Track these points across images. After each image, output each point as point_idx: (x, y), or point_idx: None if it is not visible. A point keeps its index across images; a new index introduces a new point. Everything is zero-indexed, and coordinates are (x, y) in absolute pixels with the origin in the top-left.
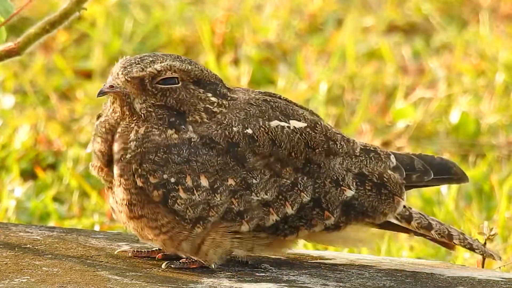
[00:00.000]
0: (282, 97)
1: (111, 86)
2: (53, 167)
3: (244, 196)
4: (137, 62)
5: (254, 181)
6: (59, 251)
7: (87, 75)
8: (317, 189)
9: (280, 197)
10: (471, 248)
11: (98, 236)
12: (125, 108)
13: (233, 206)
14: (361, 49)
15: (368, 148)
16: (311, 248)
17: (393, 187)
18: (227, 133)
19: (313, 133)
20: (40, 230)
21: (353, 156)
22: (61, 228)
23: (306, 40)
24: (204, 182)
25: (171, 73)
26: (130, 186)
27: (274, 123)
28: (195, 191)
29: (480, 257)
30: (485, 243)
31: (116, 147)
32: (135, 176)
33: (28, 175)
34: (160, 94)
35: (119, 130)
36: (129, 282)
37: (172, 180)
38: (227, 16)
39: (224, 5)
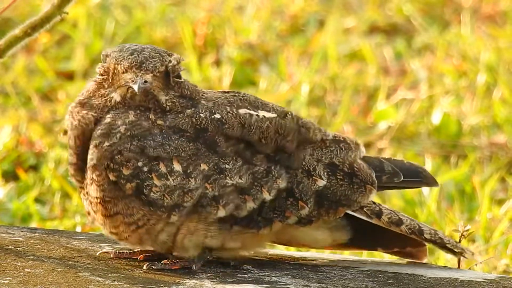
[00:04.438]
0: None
1: (146, 82)
2: (34, 168)
3: (218, 181)
4: (152, 56)
5: (227, 166)
6: (41, 253)
7: (69, 76)
8: (289, 178)
9: (256, 183)
10: (442, 244)
11: (80, 237)
12: (147, 102)
13: (207, 191)
14: (343, 50)
15: (337, 138)
16: (293, 249)
17: (364, 176)
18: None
19: (283, 121)
20: (22, 231)
21: (323, 147)
22: (43, 229)
23: (287, 41)
24: (177, 167)
25: (180, 66)
26: (103, 182)
27: (243, 110)
28: (169, 176)
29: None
30: (460, 241)
31: (96, 133)
32: (108, 171)
33: (9, 176)
34: (177, 86)
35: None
36: (111, 283)
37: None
38: (208, 17)
39: (205, 6)
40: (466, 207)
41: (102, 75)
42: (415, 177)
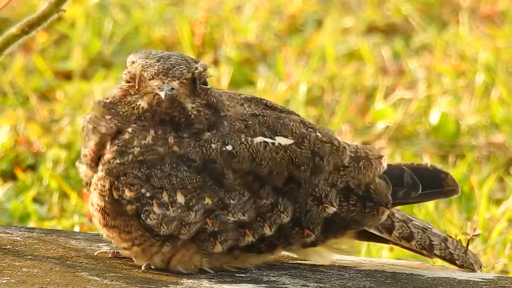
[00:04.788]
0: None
1: (172, 89)
2: (32, 168)
3: (220, 216)
4: (178, 63)
5: (232, 201)
6: (39, 252)
7: (67, 76)
8: (297, 208)
9: (259, 218)
10: (451, 260)
11: (78, 237)
12: (173, 109)
13: (207, 226)
14: (341, 50)
15: (359, 154)
16: None
17: (379, 197)
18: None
19: (298, 150)
20: (20, 231)
21: (341, 169)
22: (41, 229)
23: (285, 41)
24: (180, 198)
25: (207, 73)
26: (106, 194)
27: (259, 139)
28: (170, 206)
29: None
30: (467, 244)
31: (112, 146)
32: (112, 188)
33: (7, 176)
34: (203, 93)
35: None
36: (109, 283)
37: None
38: (206, 17)
39: (203, 6)
40: (464, 207)
41: (128, 81)
42: (437, 184)
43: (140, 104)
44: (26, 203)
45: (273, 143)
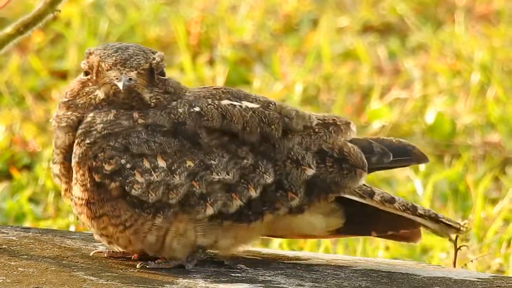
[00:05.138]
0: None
1: (130, 79)
2: (28, 167)
3: (204, 177)
4: (136, 54)
5: (213, 162)
6: (35, 252)
7: (63, 75)
8: (277, 170)
9: (242, 180)
10: (435, 218)
11: (73, 236)
12: (131, 99)
13: (194, 189)
14: (337, 50)
15: (327, 121)
16: (287, 248)
17: (355, 160)
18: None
19: (266, 111)
20: (15, 230)
21: (312, 133)
22: (37, 229)
23: (281, 40)
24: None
25: (164, 63)
26: (87, 182)
27: (225, 101)
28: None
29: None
30: (456, 237)
31: (77, 132)
32: (91, 171)
33: (3, 175)
34: (161, 83)
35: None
36: (105, 282)
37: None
38: (202, 17)
39: (199, 5)
40: (460, 206)
41: (86, 73)
42: (405, 155)
43: (97, 95)
44: (21, 202)
45: (240, 106)
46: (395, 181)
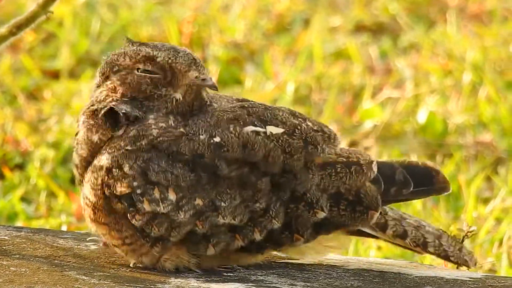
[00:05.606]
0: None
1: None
2: (20, 167)
3: (210, 218)
4: (192, 54)
5: (223, 204)
6: (27, 251)
7: (55, 75)
8: (289, 213)
9: (250, 223)
10: (445, 257)
11: (65, 236)
12: (196, 98)
13: (196, 228)
14: (328, 49)
15: (351, 160)
16: None
17: (369, 202)
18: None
19: (290, 140)
20: (7, 230)
21: (333, 173)
22: (29, 228)
23: (273, 40)
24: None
25: None
26: (98, 188)
27: (249, 128)
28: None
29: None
30: (463, 240)
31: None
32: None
33: None
34: None
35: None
36: (97, 282)
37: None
38: (194, 16)
39: (191, 5)
40: (452, 205)
41: (154, 74)
42: (428, 182)
43: (175, 96)
44: (13, 202)
45: (264, 132)
46: None
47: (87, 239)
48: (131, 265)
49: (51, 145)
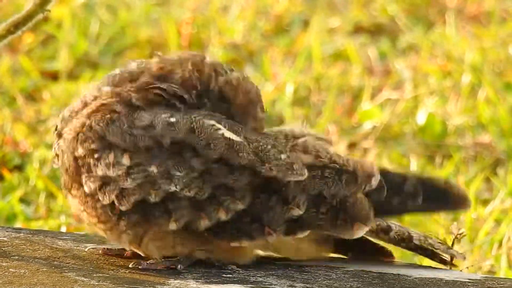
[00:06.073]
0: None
1: None
2: (19, 168)
3: (163, 187)
4: None
5: (178, 173)
6: (26, 253)
7: (53, 76)
8: (257, 201)
9: (214, 200)
10: (432, 249)
11: (65, 237)
12: None
13: (150, 197)
14: (327, 50)
15: (346, 168)
16: None
17: (356, 213)
18: None
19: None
20: (6, 231)
21: (321, 177)
22: (28, 230)
23: (272, 41)
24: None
25: None
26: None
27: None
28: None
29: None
30: (453, 243)
31: None
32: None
33: None
34: None
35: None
36: (96, 283)
37: None
38: (193, 18)
39: (190, 6)
40: None
41: None
42: (441, 200)
43: None
44: (12, 203)
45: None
46: None
47: (86, 249)
48: (130, 265)
49: (50, 146)
